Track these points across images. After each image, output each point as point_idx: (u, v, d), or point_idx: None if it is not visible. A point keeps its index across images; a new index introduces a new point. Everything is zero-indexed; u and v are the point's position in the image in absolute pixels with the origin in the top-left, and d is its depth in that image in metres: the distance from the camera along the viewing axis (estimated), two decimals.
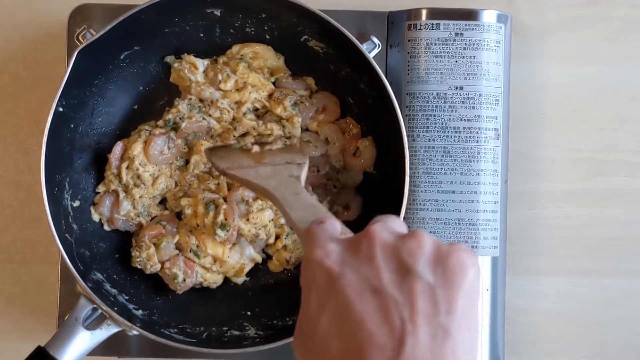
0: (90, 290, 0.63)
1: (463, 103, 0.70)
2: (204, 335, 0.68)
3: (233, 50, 0.72)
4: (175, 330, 0.68)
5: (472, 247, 0.70)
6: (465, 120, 0.70)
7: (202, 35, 0.72)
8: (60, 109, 0.64)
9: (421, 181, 0.71)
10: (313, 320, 0.42)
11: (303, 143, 0.71)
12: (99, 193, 0.71)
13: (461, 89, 0.70)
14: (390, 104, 0.64)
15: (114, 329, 0.64)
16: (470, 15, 0.71)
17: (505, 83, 0.72)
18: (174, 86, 0.73)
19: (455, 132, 0.70)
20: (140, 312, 0.68)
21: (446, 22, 0.71)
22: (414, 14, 0.72)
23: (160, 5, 0.64)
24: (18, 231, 0.76)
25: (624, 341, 0.76)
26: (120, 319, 0.63)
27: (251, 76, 0.71)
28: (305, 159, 0.65)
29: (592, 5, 0.77)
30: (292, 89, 0.72)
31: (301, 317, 0.44)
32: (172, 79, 0.73)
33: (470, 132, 0.70)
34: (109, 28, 0.63)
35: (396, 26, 0.73)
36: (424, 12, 0.71)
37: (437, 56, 0.71)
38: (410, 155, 0.66)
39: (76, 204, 0.70)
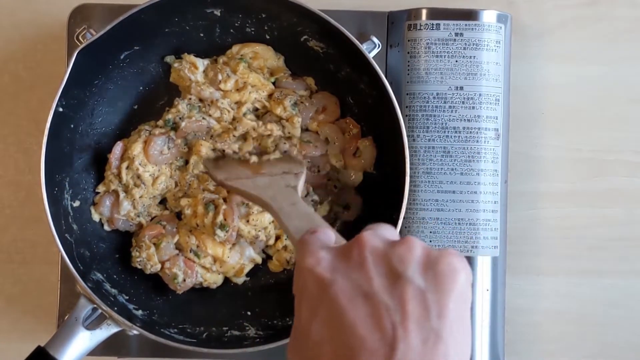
0: (90, 290, 0.63)
1: (463, 103, 0.70)
2: (204, 335, 0.68)
3: (233, 50, 0.72)
4: (175, 330, 0.67)
5: (472, 247, 0.70)
6: (465, 120, 0.70)
7: (202, 35, 0.72)
8: (60, 109, 0.64)
9: (421, 181, 0.70)
10: (305, 327, 0.42)
11: (303, 143, 0.71)
12: (99, 193, 0.71)
13: (461, 89, 0.70)
14: (390, 104, 0.64)
15: (114, 329, 0.64)
16: (470, 15, 0.71)
17: (505, 83, 0.72)
18: (174, 86, 0.73)
19: (455, 132, 0.70)
20: (140, 312, 0.68)
21: (446, 22, 0.71)
22: (414, 14, 0.72)
23: (160, 5, 0.64)
24: (18, 231, 0.76)
25: (624, 341, 0.76)
26: (120, 319, 0.63)
27: (251, 76, 0.71)
28: (303, 168, 0.65)
29: (592, 5, 0.77)
30: (292, 89, 0.72)
31: (294, 326, 0.44)
32: (172, 79, 0.73)
33: (470, 132, 0.70)
34: (109, 28, 0.63)
35: (396, 26, 0.73)
36: (424, 12, 0.71)
37: (437, 56, 0.71)
38: (410, 155, 0.65)
39: (76, 204, 0.70)
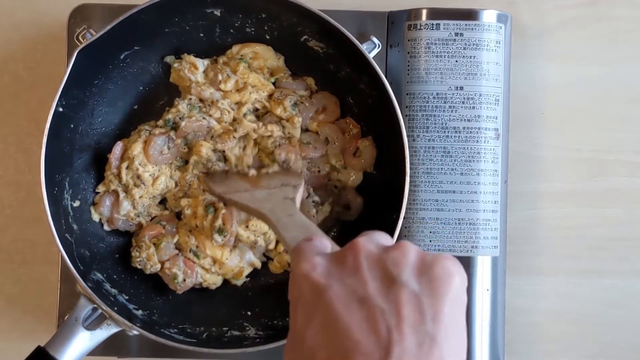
0: (90, 290, 0.63)
1: (463, 103, 0.70)
2: (204, 335, 0.68)
3: (233, 50, 0.72)
4: (175, 330, 0.67)
5: (472, 247, 0.70)
6: (465, 120, 0.70)
7: (202, 35, 0.72)
8: (60, 109, 0.64)
9: (421, 181, 0.70)
10: (301, 333, 0.42)
11: (303, 145, 0.71)
12: (99, 193, 0.71)
13: (461, 89, 0.70)
14: (390, 104, 0.64)
15: (114, 329, 0.64)
16: (470, 15, 0.71)
17: (505, 83, 0.72)
18: (174, 86, 0.73)
19: (455, 132, 0.70)
20: (140, 312, 0.68)
21: (446, 22, 0.71)
22: (414, 14, 0.72)
23: (160, 5, 0.64)
24: (18, 231, 0.76)
25: (624, 341, 0.76)
26: (120, 319, 0.63)
27: (251, 76, 0.71)
28: (301, 180, 0.65)
29: (592, 5, 0.77)
30: (292, 89, 0.72)
31: (290, 332, 0.44)
32: (172, 79, 0.73)
33: (470, 132, 0.70)
34: (109, 28, 0.63)
35: (396, 26, 0.73)
36: (424, 12, 0.71)
37: (437, 56, 0.71)
38: (410, 155, 0.65)
39: (76, 204, 0.69)
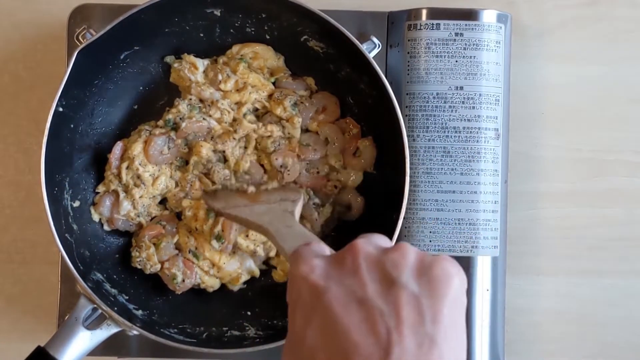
0: (90, 290, 0.63)
1: (463, 103, 0.70)
2: (204, 335, 0.68)
3: (233, 50, 0.72)
4: (175, 330, 0.67)
5: (472, 247, 0.70)
6: (465, 120, 0.70)
7: (202, 35, 0.72)
8: (60, 109, 0.64)
9: (421, 181, 0.70)
10: (300, 334, 0.42)
11: (302, 146, 0.71)
12: (99, 193, 0.71)
13: (461, 89, 0.70)
14: (390, 104, 0.64)
15: (114, 329, 0.64)
16: (470, 15, 0.71)
17: (505, 83, 0.72)
18: (174, 86, 0.73)
19: (455, 132, 0.70)
20: (140, 312, 0.68)
21: (446, 22, 0.71)
22: (414, 14, 0.72)
23: (160, 5, 0.64)
24: (18, 231, 0.76)
25: (624, 341, 0.76)
26: (120, 319, 0.63)
27: (251, 76, 0.71)
28: (300, 195, 0.65)
29: (592, 5, 0.77)
30: (292, 89, 0.72)
31: (288, 334, 0.44)
32: (172, 79, 0.73)
33: (470, 132, 0.70)
34: (109, 28, 0.63)
35: (396, 26, 0.73)
36: (424, 12, 0.71)
37: (437, 56, 0.71)
38: (410, 155, 0.65)
39: (76, 204, 0.69)
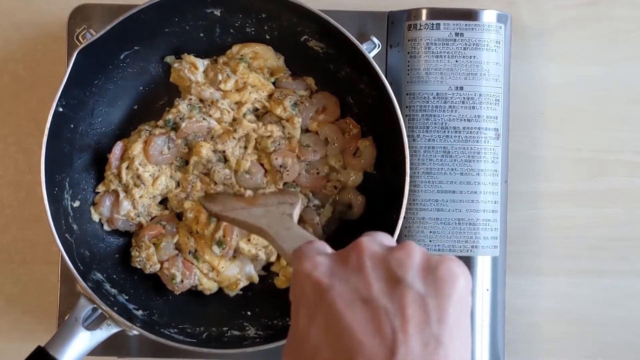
0: (90, 290, 0.63)
1: (463, 103, 0.70)
2: (204, 335, 0.68)
3: (233, 50, 0.72)
4: (175, 330, 0.67)
5: (472, 247, 0.70)
6: (465, 120, 0.70)
7: (202, 35, 0.72)
8: (60, 109, 0.64)
9: (421, 181, 0.70)
10: (303, 333, 0.42)
11: (302, 147, 0.71)
12: (99, 193, 0.71)
13: (461, 89, 0.70)
14: (390, 104, 0.64)
15: (114, 329, 0.64)
16: (470, 15, 0.71)
17: (505, 83, 0.72)
18: (174, 86, 0.73)
19: (455, 132, 0.70)
20: (140, 312, 0.68)
21: (446, 22, 0.71)
22: (414, 14, 0.72)
23: (160, 5, 0.64)
24: (18, 231, 0.76)
25: (624, 341, 0.76)
26: (120, 319, 0.63)
27: (251, 76, 0.71)
28: (298, 199, 0.65)
29: (592, 5, 0.77)
30: (292, 89, 0.72)
31: (290, 331, 0.44)
32: (172, 79, 0.73)
33: (470, 132, 0.70)
34: (109, 28, 0.63)
35: (396, 26, 0.73)
36: (424, 12, 0.71)
37: (437, 56, 0.71)
38: (410, 155, 0.65)
39: (76, 204, 0.69)
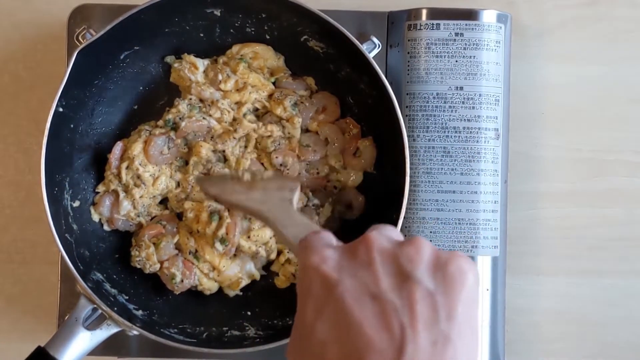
0: (90, 290, 0.63)
1: (463, 103, 0.70)
2: (204, 335, 0.68)
3: (233, 50, 0.72)
4: (175, 330, 0.67)
5: (472, 247, 0.70)
6: (465, 120, 0.70)
7: (202, 35, 0.72)
8: (60, 109, 0.64)
9: (421, 181, 0.70)
10: (309, 327, 0.41)
11: (302, 147, 0.71)
12: (99, 193, 0.71)
13: (461, 89, 0.70)
14: (390, 104, 0.64)
15: (114, 329, 0.64)
16: (470, 15, 0.71)
17: (505, 83, 0.72)
18: (174, 86, 0.73)
19: (455, 132, 0.70)
20: (140, 312, 0.68)
21: (446, 22, 0.71)
22: (414, 14, 0.72)
23: (160, 5, 0.64)
24: (18, 231, 0.76)
25: (624, 341, 0.76)
26: (120, 319, 0.63)
27: (251, 76, 0.71)
28: (297, 184, 0.65)
29: (592, 5, 0.77)
30: (292, 89, 0.72)
31: (296, 325, 0.43)
32: (172, 79, 0.73)
33: (470, 132, 0.70)
34: (109, 28, 0.63)
35: (396, 26, 0.73)
36: (424, 12, 0.71)
37: (437, 56, 0.71)
38: (410, 155, 0.65)
39: (76, 204, 0.69)
